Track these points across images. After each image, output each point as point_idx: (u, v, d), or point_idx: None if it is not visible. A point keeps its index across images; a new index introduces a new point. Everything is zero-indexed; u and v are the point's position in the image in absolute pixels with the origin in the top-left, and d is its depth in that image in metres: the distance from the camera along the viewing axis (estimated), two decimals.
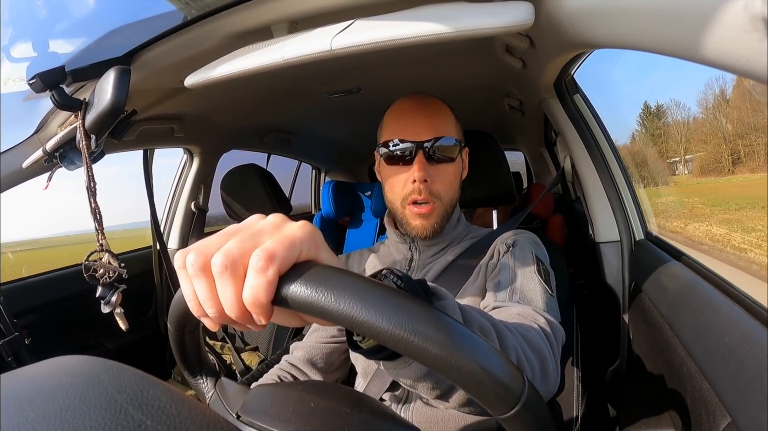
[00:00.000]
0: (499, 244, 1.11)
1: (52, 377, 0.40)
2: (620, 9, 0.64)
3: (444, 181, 1.08)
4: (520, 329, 0.78)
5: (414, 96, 1.12)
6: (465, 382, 0.43)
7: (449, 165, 1.08)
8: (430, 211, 1.07)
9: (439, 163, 1.07)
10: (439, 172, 1.07)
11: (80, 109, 1.23)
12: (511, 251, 1.07)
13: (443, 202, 1.09)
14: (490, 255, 1.11)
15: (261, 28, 1.03)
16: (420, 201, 1.07)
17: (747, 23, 0.43)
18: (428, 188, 1.06)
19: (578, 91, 1.58)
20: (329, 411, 0.57)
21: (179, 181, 2.50)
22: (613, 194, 1.46)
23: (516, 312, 0.88)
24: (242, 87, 1.71)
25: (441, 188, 1.07)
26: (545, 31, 0.91)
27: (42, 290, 1.95)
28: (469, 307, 0.67)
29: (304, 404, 0.58)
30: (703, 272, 1.06)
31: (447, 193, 1.09)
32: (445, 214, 1.10)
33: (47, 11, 1.18)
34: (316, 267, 0.43)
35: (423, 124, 1.07)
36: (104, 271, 1.23)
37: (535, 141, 3.06)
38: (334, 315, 0.41)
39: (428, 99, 1.12)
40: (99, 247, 1.25)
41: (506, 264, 1.04)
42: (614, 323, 1.41)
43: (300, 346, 1.22)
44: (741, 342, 0.75)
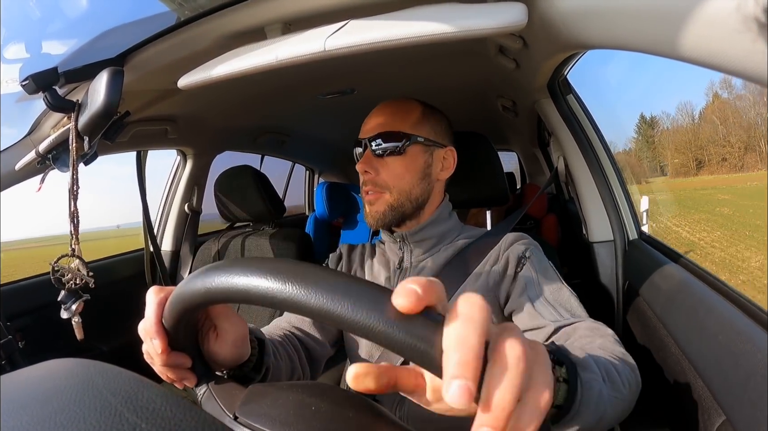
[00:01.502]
0: (509, 254, 1.11)
1: (46, 380, 0.40)
2: (613, 9, 0.64)
3: (390, 172, 1.11)
4: (611, 351, 0.81)
5: (384, 102, 1.18)
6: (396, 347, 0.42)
7: (396, 158, 1.11)
8: (376, 198, 1.12)
9: (384, 157, 1.11)
10: (385, 164, 1.11)
11: (73, 111, 1.22)
12: (529, 264, 1.08)
13: (392, 193, 1.11)
14: (497, 263, 1.11)
15: (255, 29, 1.03)
16: (368, 191, 1.13)
17: (739, 23, 0.43)
18: (373, 179, 1.11)
19: (571, 92, 1.58)
20: (331, 414, 0.56)
21: (172, 183, 2.50)
22: (606, 194, 1.47)
23: (586, 328, 0.91)
24: (236, 88, 1.71)
25: (387, 179, 1.11)
26: (538, 31, 0.92)
27: (35, 293, 1.93)
28: (593, 358, 0.70)
29: (305, 407, 0.57)
30: (697, 271, 1.07)
31: (396, 184, 1.11)
32: (398, 205, 1.11)
33: (40, 12, 1.18)
34: None
35: (373, 123, 1.14)
36: (71, 276, 1.23)
37: (528, 141, 3.07)
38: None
39: (395, 101, 1.17)
40: (71, 251, 1.24)
41: (530, 279, 1.05)
42: (608, 323, 1.41)
43: (294, 319, 1.17)
44: (735, 341, 0.75)
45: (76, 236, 1.24)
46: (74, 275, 1.23)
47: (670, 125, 26.78)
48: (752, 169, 17.30)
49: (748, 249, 12.76)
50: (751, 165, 17.33)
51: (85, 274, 1.24)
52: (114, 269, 2.29)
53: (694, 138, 21.22)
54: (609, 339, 0.87)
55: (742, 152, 18.42)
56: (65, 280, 1.22)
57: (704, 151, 18.80)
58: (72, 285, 1.23)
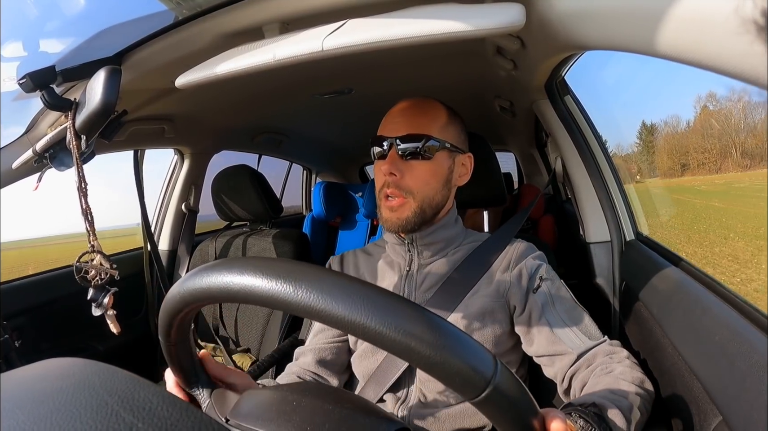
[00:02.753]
0: (523, 268, 1.11)
1: (42, 380, 0.40)
2: (611, 11, 0.64)
3: (416, 177, 1.08)
4: (631, 379, 0.89)
5: (410, 98, 1.15)
6: (428, 367, 0.44)
7: (423, 162, 1.08)
8: (400, 204, 1.09)
9: (411, 159, 1.08)
10: (411, 168, 1.08)
11: (70, 110, 1.22)
12: (545, 286, 1.08)
13: (416, 199, 1.09)
14: (508, 270, 1.12)
15: (252, 28, 1.03)
16: (389, 194, 1.09)
17: (738, 25, 0.43)
18: (397, 182, 1.08)
19: (569, 93, 1.58)
20: (311, 408, 0.58)
21: (170, 182, 2.49)
22: (603, 195, 1.47)
23: (604, 354, 0.98)
24: (233, 88, 1.71)
25: (412, 184, 1.08)
26: (536, 32, 0.92)
27: (32, 292, 1.93)
28: (616, 398, 0.83)
29: (287, 403, 0.59)
30: (694, 272, 1.07)
31: (420, 189, 1.08)
32: (420, 212, 1.09)
33: (37, 10, 1.17)
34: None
35: (402, 122, 1.10)
36: (95, 273, 1.22)
37: (525, 142, 3.07)
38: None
39: (421, 101, 1.14)
40: (90, 248, 1.24)
41: (546, 301, 1.06)
42: (605, 323, 1.41)
43: (306, 351, 1.22)
44: (731, 341, 0.75)
45: (93, 232, 1.24)
46: (98, 270, 1.22)
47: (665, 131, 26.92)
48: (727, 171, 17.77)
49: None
50: (727, 167, 17.78)
51: (108, 267, 1.23)
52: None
53: (681, 144, 21.43)
54: (626, 364, 0.94)
55: (718, 157, 18.82)
56: (90, 277, 1.22)
57: (688, 156, 19.05)
58: (98, 281, 1.22)
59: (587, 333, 1.02)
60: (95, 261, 1.23)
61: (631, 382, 0.88)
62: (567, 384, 1.00)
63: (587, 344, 0.99)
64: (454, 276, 1.12)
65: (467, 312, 1.08)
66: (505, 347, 1.10)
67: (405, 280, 1.16)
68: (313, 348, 1.21)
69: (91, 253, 1.23)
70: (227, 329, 2.14)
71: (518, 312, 1.08)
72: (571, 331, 1.01)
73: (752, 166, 14.59)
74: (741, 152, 16.13)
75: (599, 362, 0.96)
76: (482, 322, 1.07)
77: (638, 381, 0.89)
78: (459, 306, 1.08)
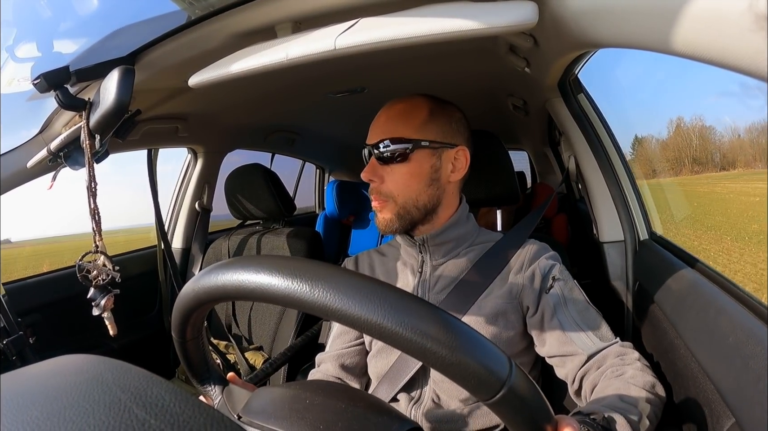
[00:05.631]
0: (536, 269, 1.11)
1: (55, 376, 0.40)
2: (624, 8, 0.63)
3: (395, 181, 1.09)
4: (642, 384, 0.89)
5: (392, 101, 1.15)
6: (444, 367, 0.44)
7: (401, 165, 1.08)
8: (381, 208, 1.11)
9: (389, 163, 1.09)
10: (390, 172, 1.09)
11: (84, 109, 1.23)
12: (558, 286, 1.08)
13: (397, 202, 1.09)
14: (521, 272, 1.12)
15: (265, 27, 1.03)
16: (373, 199, 1.12)
17: (752, 22, 0.42)
18: (378, 188, 1.10)
19: (582, 91, 1.57)
20: (324, 406, 0.58)
21: (183, 181, 2.51)
22: (617, 194, 1.46)
23: (615, 355, 0.98)
24: (246, 87, 1.71)
25: (392, 187, 1.09)
26: (549, 30, 0.91)
27: (46, 289, 1.95)
28: (626, 407, 0.82)
29: (299, 401, 0.59)
30: (708, 272, 1.06)
31: (401, 192, 1.08)
32: (404, 213, 1.09)
33: (51, 11, 1.19)
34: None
35: (376, 128, 1.12)
36: (98, 273, 1.23)
37: (539, 141, 3.05)
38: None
39: (400, 101, 1.13)
40: (94, 248, 1.25)
41: (558, 301, 1.06)
42: (618, 323, 1.40)
43: (327, 357, 1.24)
44: (745, 343, 0.74)
45: (99, 232, 1.25)
46: (100, 271, 1.23)
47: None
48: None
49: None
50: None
51: (111, 269, 1.24)
52: (125, 266, 2.31)
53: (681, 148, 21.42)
54: (637, 366, 0.94)
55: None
56: (92, 277, 1.23)
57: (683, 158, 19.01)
58: (99, 281, 1.23)
59: (599, 334, 1.01)
60: (99, 261, 1.24)
61: (641, 387, 0.87)
62: (578, 385, 1.00)
63: (598, 345, 0.99)
64: (468, 277, 1.12)
65: (480, 313, 1.07)
66: (518, 348, 1.10)
67: (419, 281, 1.16)
68: (333, 354, 1.22)
69: (94, 253, 1.24)
70: (240, 327, 2.14)
71: (531, 312, 1.08)
72: (583, 332, 1.01)
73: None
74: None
75: (610, 364, 0.96)
76: (495, 324, 1.07)
77: (649, 385, 0.89)
78: (472, 308, 1.08)
